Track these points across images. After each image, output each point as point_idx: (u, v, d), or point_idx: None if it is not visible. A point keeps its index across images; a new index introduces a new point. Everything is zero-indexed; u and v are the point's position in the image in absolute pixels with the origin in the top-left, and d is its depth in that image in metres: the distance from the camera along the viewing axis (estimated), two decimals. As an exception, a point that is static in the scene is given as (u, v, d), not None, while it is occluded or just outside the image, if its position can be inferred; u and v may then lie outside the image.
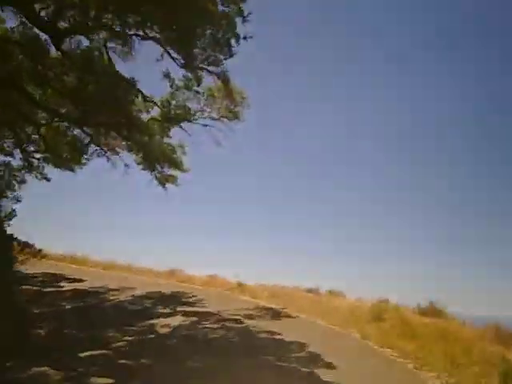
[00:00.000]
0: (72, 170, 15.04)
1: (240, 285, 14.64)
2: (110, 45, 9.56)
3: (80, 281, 13.06)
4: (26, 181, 14.31)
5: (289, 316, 10.13)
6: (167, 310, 9.54)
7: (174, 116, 11.44)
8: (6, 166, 14.18)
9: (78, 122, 9.98)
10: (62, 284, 12.06)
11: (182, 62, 9.40)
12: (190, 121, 12.02)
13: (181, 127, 12.37)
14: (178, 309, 9.81)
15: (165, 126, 11.54)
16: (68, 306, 9.30)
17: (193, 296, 12.00)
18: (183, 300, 11.22)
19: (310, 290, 13.97)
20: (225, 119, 12.87)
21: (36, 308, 8.62)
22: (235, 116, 12.77)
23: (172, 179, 14.19)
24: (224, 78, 10.20)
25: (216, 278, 15.77)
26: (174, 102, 11.24)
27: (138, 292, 11.86)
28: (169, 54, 9.62)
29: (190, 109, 11.70)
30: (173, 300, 11.13)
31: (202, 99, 11.92)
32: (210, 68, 9.59)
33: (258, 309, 10.73)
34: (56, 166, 14.73)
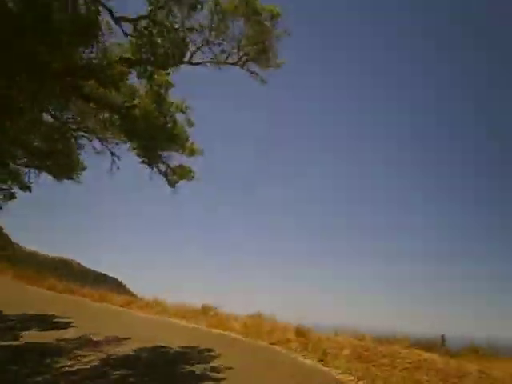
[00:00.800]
0: (71, 177, 11.88)
1: (301, 333, 8.88)
2: None
3: (62, 327, 8.98)
4: (15, 195, 11.46)
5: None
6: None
7: (162, 55, 7.12)
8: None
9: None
10: (24, 333, 8.04)
11: None
12: (188, 63, 7.63)
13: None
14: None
15: (147, 72, 7.22)
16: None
17: (212, 357, 6.75)
18: (186, 369, 6.03)
19: (430, 346, 7.45)
20: (248, 61, 8.23)
21: None
22: (264, 54, 8.03)
23: (184, 173, 9.77)
24: None
25: (264, 320, 10.28)
26: (155, 31, 6.95)
27: (123, 349, 7.13)
28: None
29: (185, 41, 7.32)
30: (169, 368, 6.05)
31: (206, 25, 7.50)
32: None
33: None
34: (52, 174, 11.70)
